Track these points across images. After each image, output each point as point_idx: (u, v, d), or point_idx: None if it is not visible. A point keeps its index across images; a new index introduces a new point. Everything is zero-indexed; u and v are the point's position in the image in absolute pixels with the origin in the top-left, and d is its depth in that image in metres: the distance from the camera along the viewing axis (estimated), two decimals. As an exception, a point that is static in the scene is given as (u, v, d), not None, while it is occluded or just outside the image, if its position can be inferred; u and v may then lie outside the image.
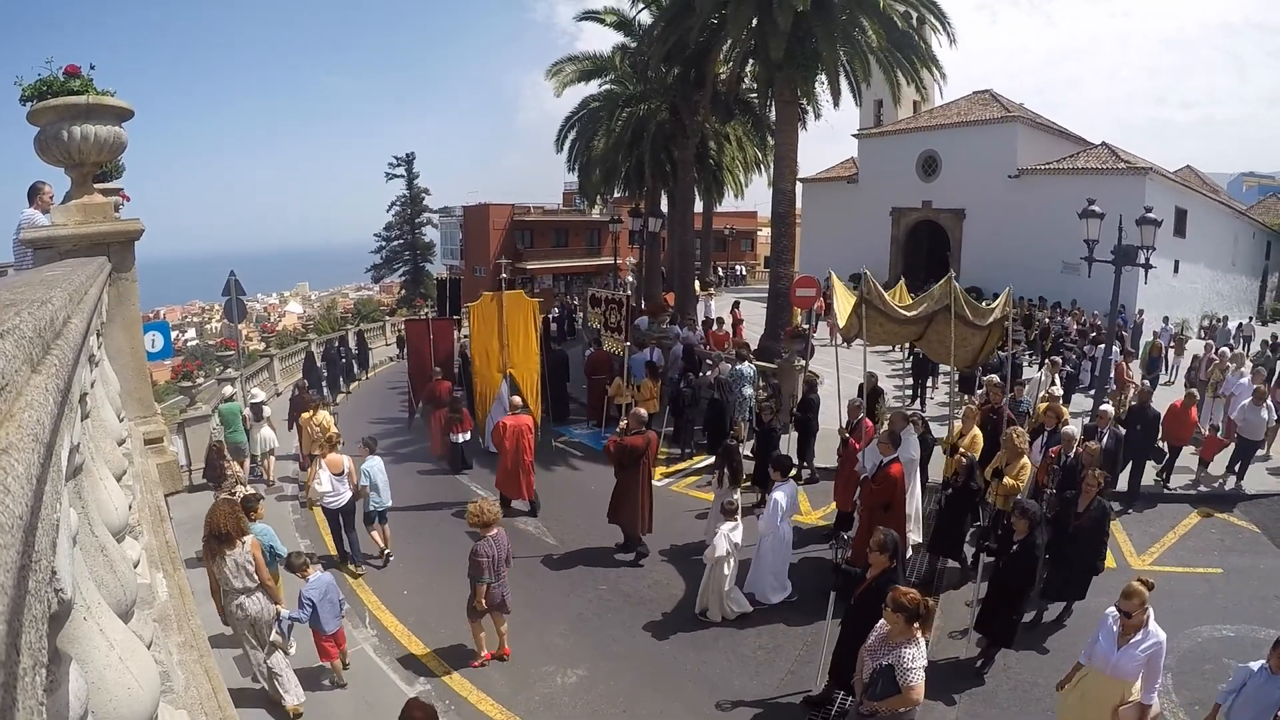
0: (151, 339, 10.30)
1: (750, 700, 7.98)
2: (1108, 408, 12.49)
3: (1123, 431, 12.07)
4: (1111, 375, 17.08)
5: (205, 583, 8.11)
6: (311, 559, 8.43)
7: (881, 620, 5.95)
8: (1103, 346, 16.46)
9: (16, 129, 6.19)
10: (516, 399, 13.14)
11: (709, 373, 16.37)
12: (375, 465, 11.06)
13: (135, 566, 3.24)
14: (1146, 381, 16.62)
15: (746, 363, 16.23)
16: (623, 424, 11.71)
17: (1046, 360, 17.42)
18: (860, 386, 14.06)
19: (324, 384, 22.60)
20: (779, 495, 9.67)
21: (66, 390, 1.51)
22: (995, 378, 13.52)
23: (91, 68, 6.03)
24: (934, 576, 10.51)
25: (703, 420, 15.86)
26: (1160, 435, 13.15)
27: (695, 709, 7.86)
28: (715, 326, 22.26)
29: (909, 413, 12.27)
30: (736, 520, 9.38)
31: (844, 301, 12.55)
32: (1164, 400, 14.29)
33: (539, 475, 13.53)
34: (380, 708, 7.95)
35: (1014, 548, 8.03)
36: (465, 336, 19.67)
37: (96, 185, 6.62)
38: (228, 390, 16.52)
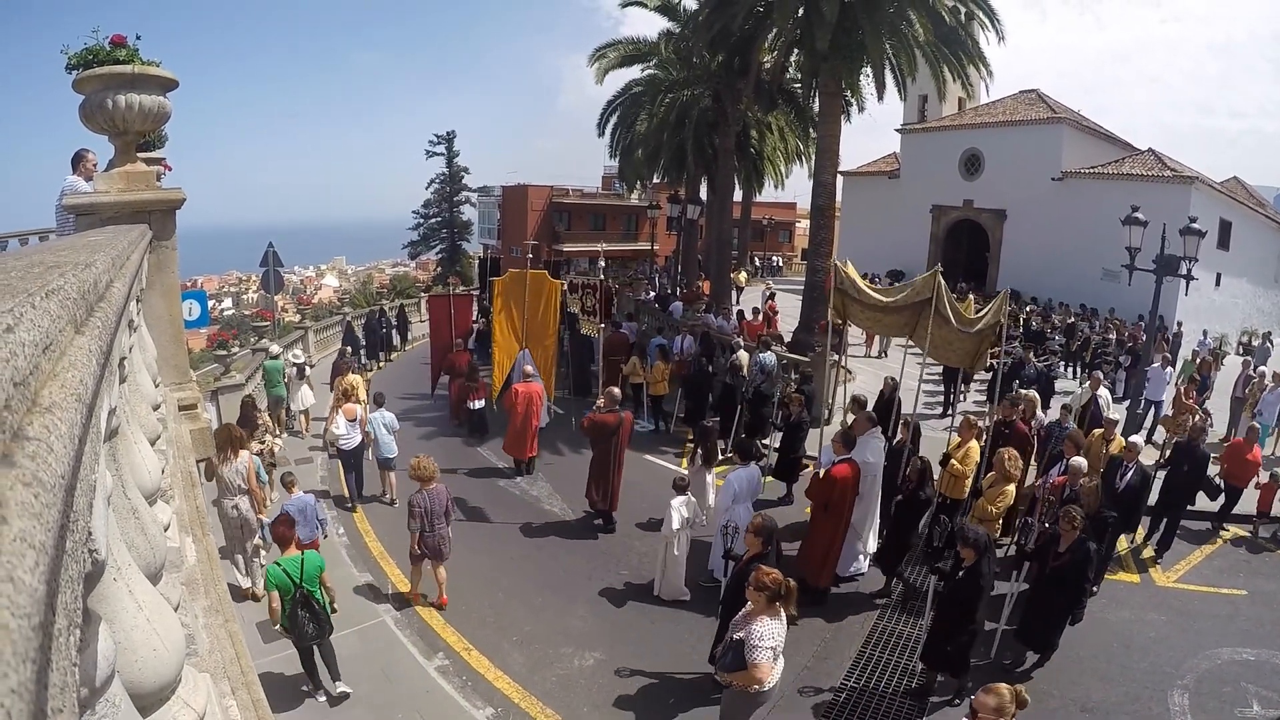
0: (189, 307, 10.44)
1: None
2: (1137, 439, 11.08)
3: (1151, 470, 10.80)
4: (1164, 396, 16.18)
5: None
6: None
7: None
8: (1132, 358, 15.91)
9: (62, 96, 6.28)
10: (529, 368, 13.97)
11: (733, 357, 16.70)
12: (379, 418, 12.69)
13: (165, 530, 3.29)
14: (1205, 413, 15.15)
15: (769, 353, 16.42)
16: (599, 402, 12.07)
17: (1089, 375, 15.53)
18: (881, 392, 14.04)
19: (363, 352, 23.42)
20: (733, 477, 9.76)
21: (108, 353, 1.53)
22: (1033, 392, 12.81)
23: (138, 38, 6.09)
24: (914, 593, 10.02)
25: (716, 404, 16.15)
26: (1219, 473, 12.28)
27: (709, 698, 7.87)
28: (751, 316, 22.37)
29: (872, 413, 11.39)
30: (687, 495, 9.58)
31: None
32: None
33: (566, 453, 13.99)
34: (399, 680, 8.05)
35: (959, 575, 7.58)
36: (480, 318, 20.49)
37: (139, 154, 6.70)
38: (275, 349, 17.67)
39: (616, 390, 12.32)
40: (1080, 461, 9.74)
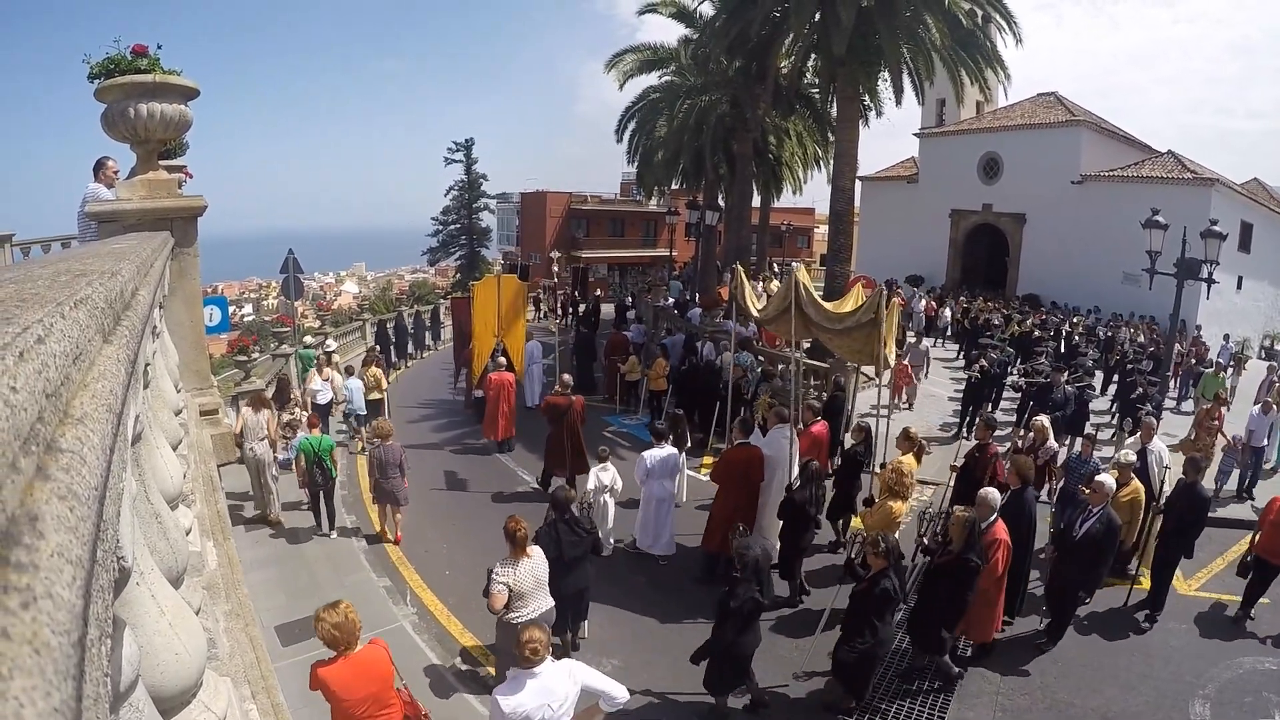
0: (210, 313, 10.54)
1: (779, 695, 7.95)
2: (1105, 479, 8.71)
3: (1117, 521, 8.52)
4: (1265, 441, 13.34)
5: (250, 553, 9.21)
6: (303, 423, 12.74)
7: None
8: (1153, 364, 15.33)
9: (84, 104, 6.35)
10: (503, 359, 15.46)
11: (717, 356, 17.20)
12: (353, 384, 15.49)
13: (187, 534, 3.32)
14: (1239, 435, 13.11)
15: (743, 353, 16.76)
16: (556, 386, 13.67)
17: (1141, 422, 11.88)
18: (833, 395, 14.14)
19: (392, 349, 24.53)
20: (646, 455, 10.75)
21: (134, 361, 1.54)
22: (1042, 419, 11.89)
23: (159, 47, 6.17)
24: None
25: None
26: (1252, 544, 9.65)
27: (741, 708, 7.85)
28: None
29: (784, 408, 11.25)
30: (606, 464, 10.72)
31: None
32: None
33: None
34: (414, 685, 8.04)
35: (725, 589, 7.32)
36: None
37: (160, 162, 6.76)
38: (308, 339, 19.90)
39: (568, 377, 13.79)
40: (991, 494, 8.05)
